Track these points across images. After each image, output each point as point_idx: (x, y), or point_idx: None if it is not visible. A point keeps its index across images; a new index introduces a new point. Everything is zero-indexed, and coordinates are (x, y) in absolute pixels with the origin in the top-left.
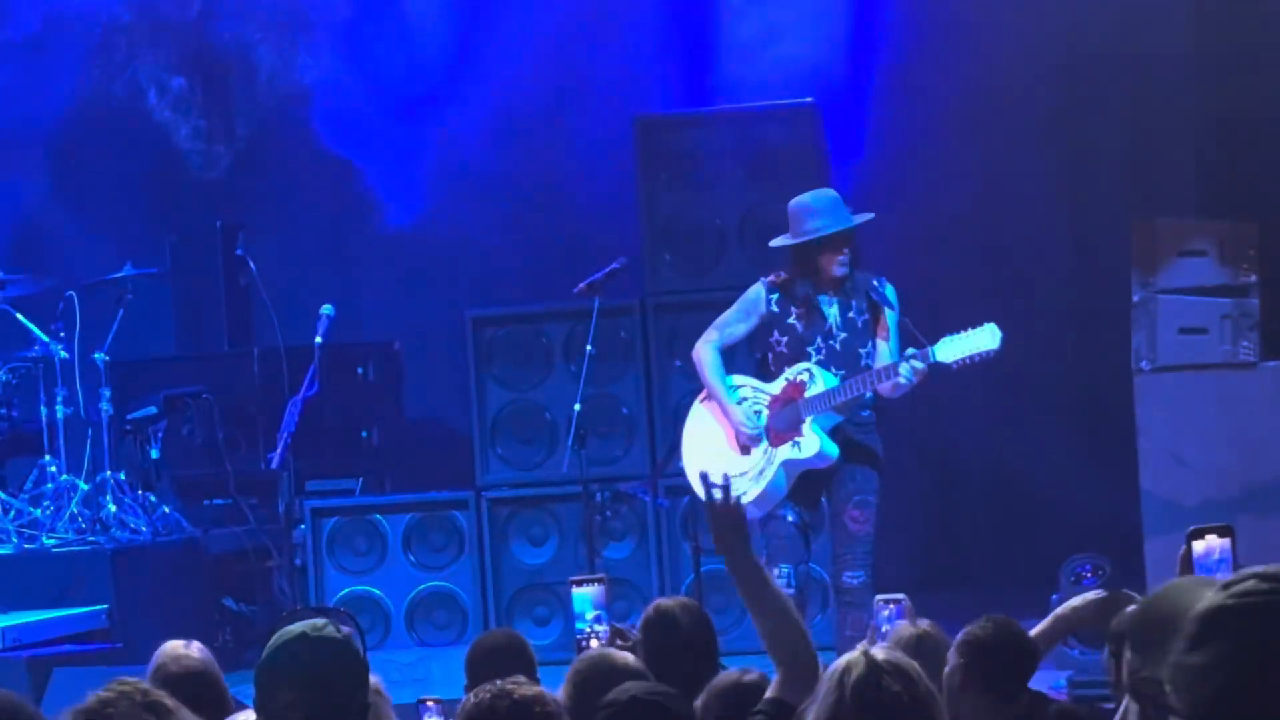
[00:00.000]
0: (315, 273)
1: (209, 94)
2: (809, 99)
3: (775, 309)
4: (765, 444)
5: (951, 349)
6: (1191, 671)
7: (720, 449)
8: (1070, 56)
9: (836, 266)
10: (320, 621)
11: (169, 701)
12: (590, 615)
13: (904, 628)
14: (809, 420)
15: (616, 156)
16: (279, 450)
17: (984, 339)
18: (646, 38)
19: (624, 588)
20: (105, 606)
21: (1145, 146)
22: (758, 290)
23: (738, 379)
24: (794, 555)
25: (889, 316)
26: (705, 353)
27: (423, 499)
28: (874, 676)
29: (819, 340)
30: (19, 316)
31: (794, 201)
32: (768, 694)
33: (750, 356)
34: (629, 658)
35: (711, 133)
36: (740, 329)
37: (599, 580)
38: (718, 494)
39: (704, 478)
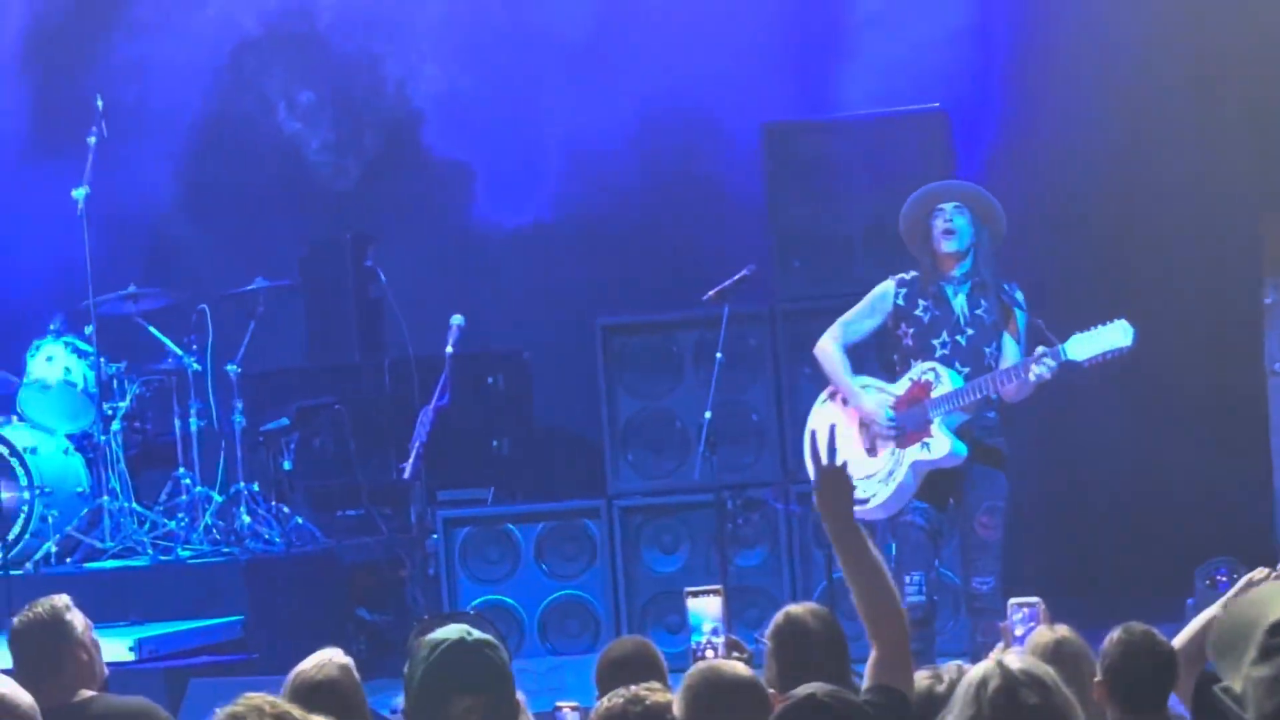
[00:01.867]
0: (443, 282)
1: (337, 106)
2: (936, 104)
3: (902, 302)
4: (893, 445)
5: (1083, 346)
6: (1259, 684)
7: (846, 448)
8: (1198, 50)
9: (942, 236)
10: (464, 626)
11: (297, 713)
12: (707, 627)
13: (1041, 633)
14: (937, 420)
15: (745, 163)
16: (411, 460)
17: (1116, 335)
18: (774, 44)
19: (755, 595)
20: (240, 617)
21: (1278, 143)
22: (887, 285)
23: (862, 380)
24: (924, 562)
25: (1018, 317)
26: (830, 348)
27: (554, 508)
28: (1011, 689)
29: (944, 334)
30: (152, 330)
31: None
32: (868, 680)
33: (877, 359)
34: (741, 668)
35: (840, 139)
36: (866, 325)
37: (714, 591)
38: (823, 453)
39: (812, 436)
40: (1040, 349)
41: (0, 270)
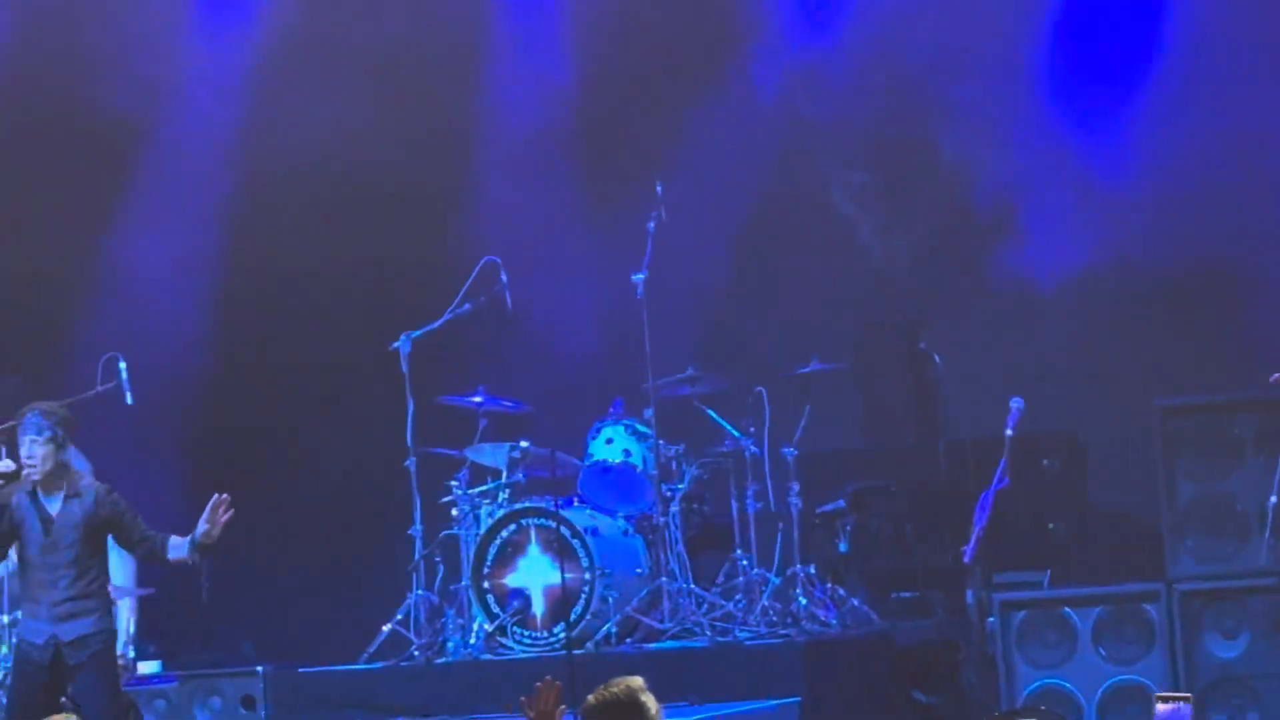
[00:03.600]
0: (993, 363)
1: (890, 189)
2: None
3: None
4: None
5: None
6: None
7: None
8: None
9: None
10: None
11: None
12: None
13: None
14: None
15: None
16: (972, 543)
17: None
18: None
19: None
20: (797, 699)
21: None
22: None
23: None
24: None
25: None
26: None
27: (1112, 591)
28: None
29: None
30: (710, 413)
31: None
32: None
33: None
34: None
35: None
36: None
37: (1182, 698)
38: None
39: None
40: None
41: (562, 354)
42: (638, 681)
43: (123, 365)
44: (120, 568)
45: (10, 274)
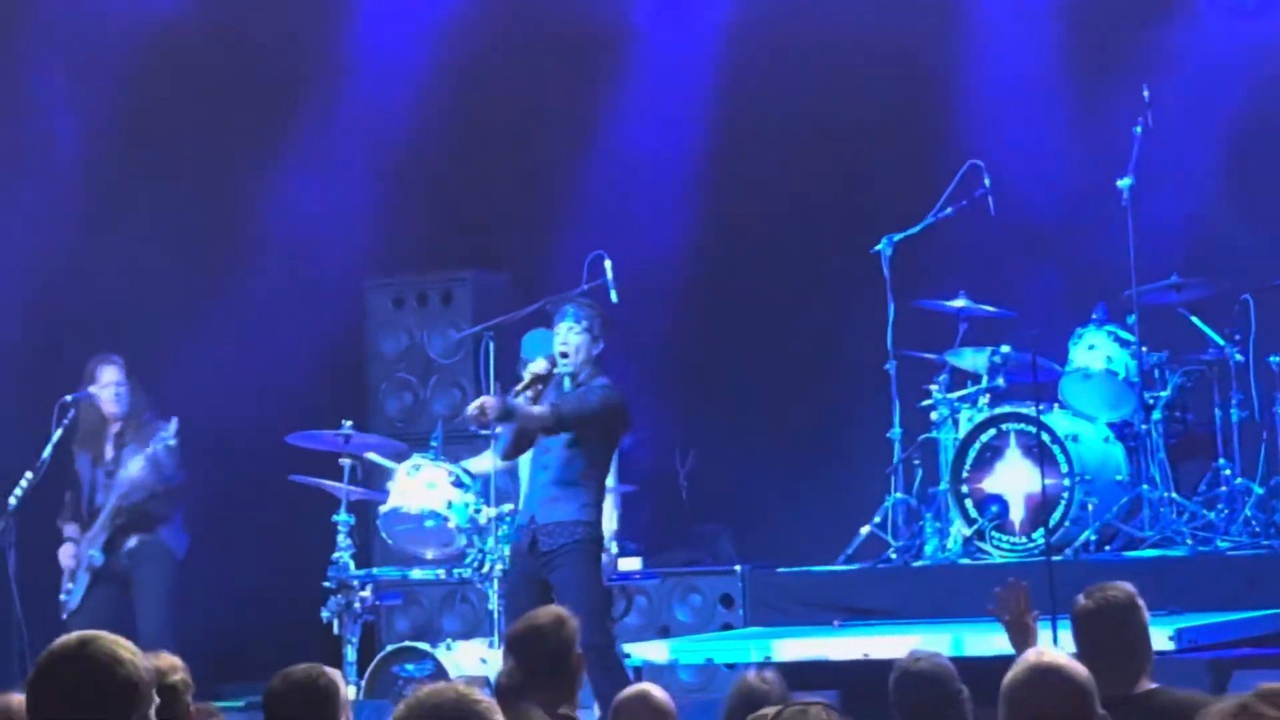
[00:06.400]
0: None
1: None
2: None
3: None
4: None
5: None
6: None
7: None
8: None
9: None
10: None
11: None
12: None
13: None
14: None
15: None
16: None
17: None
18: None
19: None
20: (1277, 611)
21: None
22: None
23: None
24: None
25: None
26: None
27: None
28: None
29: None
30: (1195, 320)
31: None
32: None
33: None
34: None
35: None
36: None
37: None
38: None
39: None
40: None
41: (1044, 259)
42: (1127, 589)
43: (608, 264)
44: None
45: (503, 174)
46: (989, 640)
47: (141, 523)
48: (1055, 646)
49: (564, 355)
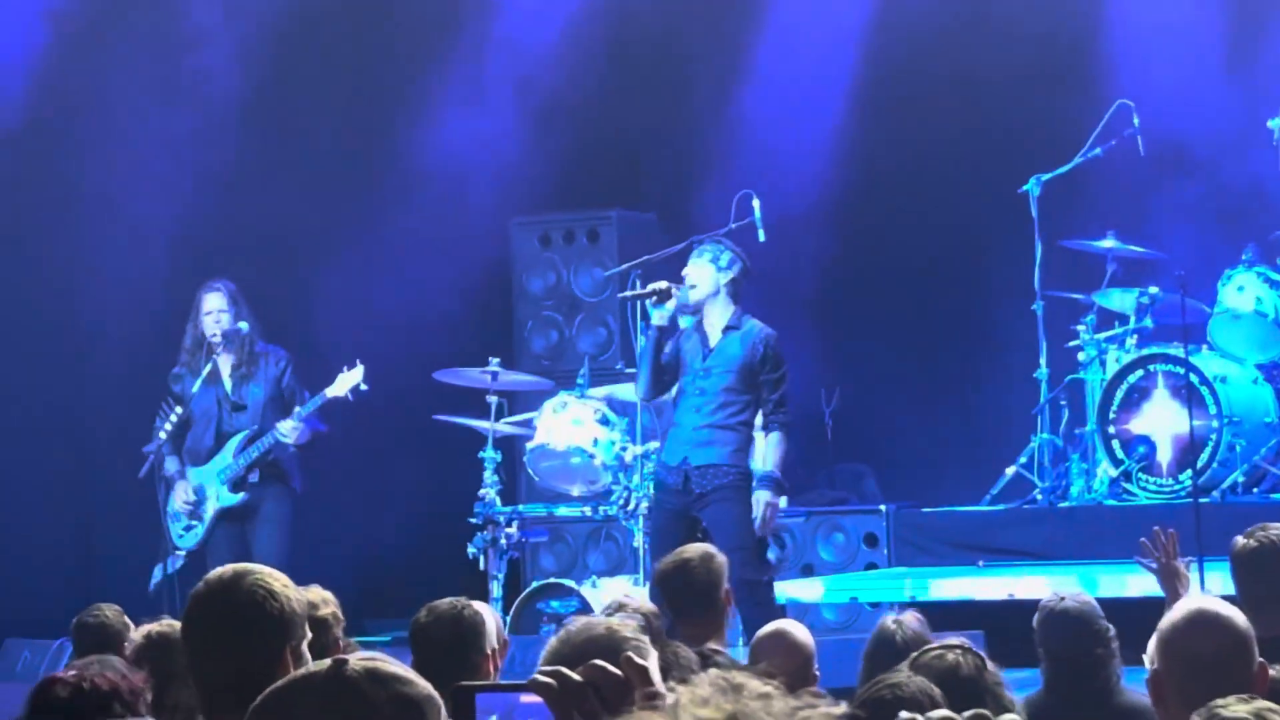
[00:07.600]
0: None
1: None
2: None
3: None
4: None
5: None
6: None
7: None
8: None
9: None
10: None
11: None
12: None
13: None
14: None
15: None
16: None
17: None
18: None
19: None
20: None
21: None
22: None
23: None
24: None
25: None
26: None
27: None
28: None
29: None
30: None
31: None
32: None
33: None
34: None
35: None
36: None
37: None
38: None
39: None
40: None
41: (1194, 199)
42: None
43: (756, 202)
44: None
45: (650, 112)
46: (1139, 581)
47: (270, 466)
48: (1204, 589)
49: (691, 286)
